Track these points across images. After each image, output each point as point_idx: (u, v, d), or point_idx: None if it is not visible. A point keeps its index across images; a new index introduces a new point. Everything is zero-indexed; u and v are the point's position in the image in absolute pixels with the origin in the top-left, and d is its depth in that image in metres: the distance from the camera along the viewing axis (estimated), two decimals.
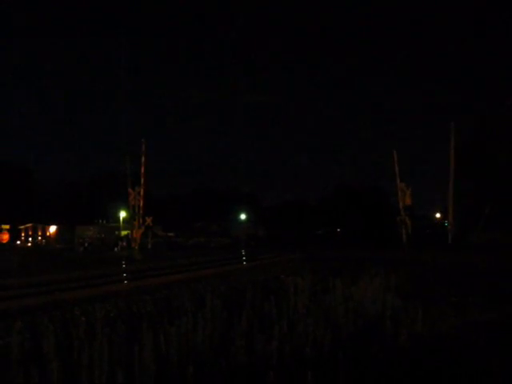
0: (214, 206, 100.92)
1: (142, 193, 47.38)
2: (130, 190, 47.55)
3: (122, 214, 68.28)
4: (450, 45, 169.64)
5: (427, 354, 6.76)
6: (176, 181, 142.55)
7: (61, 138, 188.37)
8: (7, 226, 76.48)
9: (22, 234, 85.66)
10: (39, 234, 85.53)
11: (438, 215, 78.65)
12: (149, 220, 48.09)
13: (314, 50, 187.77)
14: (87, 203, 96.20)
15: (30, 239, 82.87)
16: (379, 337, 7.27)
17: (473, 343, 7.69)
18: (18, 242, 79.10)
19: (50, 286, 17.90)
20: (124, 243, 61.79)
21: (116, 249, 60.02)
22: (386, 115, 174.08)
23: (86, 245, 63.53)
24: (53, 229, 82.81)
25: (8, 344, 6.13)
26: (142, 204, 47.35)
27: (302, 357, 6.24)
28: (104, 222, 79.35)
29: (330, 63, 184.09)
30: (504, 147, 60.48)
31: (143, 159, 49.15)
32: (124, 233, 68.33)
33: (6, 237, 74.88)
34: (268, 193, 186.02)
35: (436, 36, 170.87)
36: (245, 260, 36.72)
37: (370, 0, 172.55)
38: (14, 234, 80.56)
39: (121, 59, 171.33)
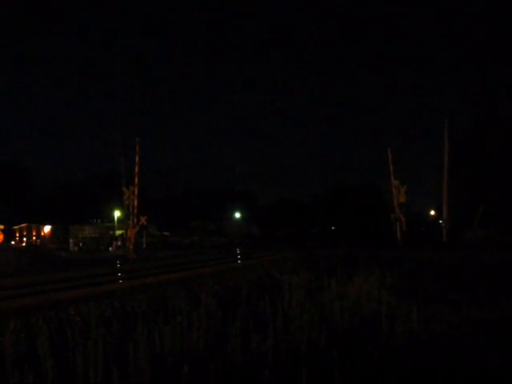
0: (209, 205, 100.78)
1: (136, 192, 47.32)
2: (124, 189, 47.47)
3: (117, 214, 68.21)
4: (449, 43, 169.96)
5: (423, 352, 6.75)
6: (171, 180, 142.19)
7: (57, 138, 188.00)
8: (1, 227, 76.21)
9: (17, 234, 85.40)
10: (34, 234, 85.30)
11: (432, 213, 78.80)
12: (143, 219, 48.01)
13: (312, 49, 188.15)
14: (82, 203, 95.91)
15: (25, 239, 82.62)
16: (374, 335, 7.27)
17: (469, 341, 7.70)
18: (13, 243, 78.83)
19: (44, 286, 17.82)
20: (119, 243, 61.77)
21: (111, 248, 59.98)
22: (382, 113, 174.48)
23: (81, 244, 63.45)
24: (47, 229, 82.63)
25: (2, 344, 6.10)
26: (136, 203, 47.29)
27: (298, 355, 6.22)
28: (99, 221, 79.19)
29: (327, 62, 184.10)
30: (500, 145, 60.73)
31: (137, 159, 49.10)
32: (119, 232, 68.27)
33: (0, 237, 74.61)
34: (263, 191, 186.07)
35: (435, 35, 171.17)
36: (239, 259, 36.75)
37: None
38: (9, 234, 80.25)
39: (117, 59, 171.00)
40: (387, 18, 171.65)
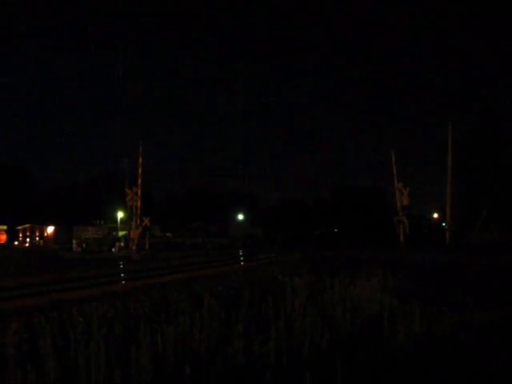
0: (212, 207, 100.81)
1: (139, 193, 47.35)
2: (127, 190, 47.52)
3: (120, 215, 68.34)
4: (450, 44, 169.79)
5: (425, 355, 6.75)
6: (174, 181, 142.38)
7: (59, 139, 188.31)
8: (4, 227, 76.33)
9: (20, 235, 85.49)
10: (37, 234, 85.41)
11: (435, 215, 78.72)
12: (146, 220, 48.01)
13: (313, 49, 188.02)
14: (85, 204, 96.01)
15: (28, 240, 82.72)
16: (377, 337, 7.27)
17: (471, 343, 7.69)
18: (16, 243, 78.93)
19: (47, 287, 17.87)
20: (122, 244, 61.83)
21: (114, 249, 60.01)
22: (385, 115, 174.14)
23: (84, 245, 63.43)
24: (50, 229, 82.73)
25: (5, 344, 6.11)
26: (139, 204, 47.33)
27: (300, 357, 6.23)
28: (102, 222, 79.25)
29: (328, 63, 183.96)
30: (503, 147, 60.64)
31: (140, 160, 49.17)
32: (122, 233, 68.35)
33: (3, 237, 74.70)
34: (266, 193, 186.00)
35: (435, 35, 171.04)
36: (242, 260, 36.73)
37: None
38: (12, 234, 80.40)
39: (119, 60, 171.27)
40: (389, 20, 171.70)
